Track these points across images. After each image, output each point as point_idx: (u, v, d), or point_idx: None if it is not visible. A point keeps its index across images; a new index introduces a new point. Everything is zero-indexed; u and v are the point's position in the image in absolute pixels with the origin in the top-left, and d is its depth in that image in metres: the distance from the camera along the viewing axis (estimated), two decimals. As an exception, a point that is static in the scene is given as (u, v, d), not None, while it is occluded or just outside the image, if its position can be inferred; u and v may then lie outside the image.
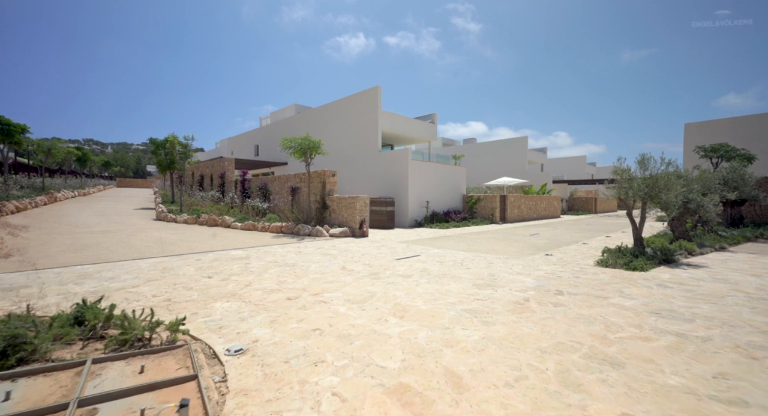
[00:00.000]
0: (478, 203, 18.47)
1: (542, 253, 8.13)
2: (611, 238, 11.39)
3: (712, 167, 14.09)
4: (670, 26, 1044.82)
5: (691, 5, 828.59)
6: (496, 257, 7.53)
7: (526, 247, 9.15)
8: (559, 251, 8.38)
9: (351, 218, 11.65)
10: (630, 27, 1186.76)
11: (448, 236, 11.65)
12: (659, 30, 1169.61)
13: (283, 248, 8.59)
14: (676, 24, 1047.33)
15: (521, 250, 8.60)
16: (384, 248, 8.92)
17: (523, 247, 9.15)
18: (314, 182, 13.16)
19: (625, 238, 11.32)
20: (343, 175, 19.15)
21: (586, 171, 43.89)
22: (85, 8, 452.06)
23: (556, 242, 10.35)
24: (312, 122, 21.40)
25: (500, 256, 7.63)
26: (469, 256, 7.64)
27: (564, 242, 10.16)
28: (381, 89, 17.37)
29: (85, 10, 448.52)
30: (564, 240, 10.73)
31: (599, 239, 10.96)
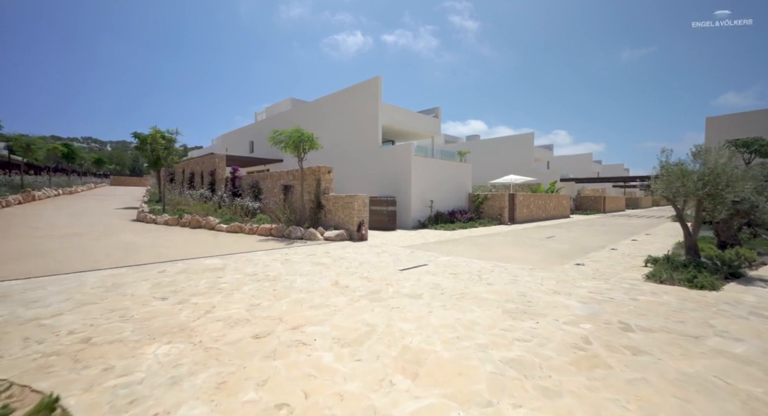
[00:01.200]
0: (485, 203, 17.29)
1: (570, 262, 6.94)
2: (639, 242, 10.21)
3: (744, 162, 12.91)
4: (669, 25, 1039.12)
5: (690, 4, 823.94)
6: (518, 267, 6.35)
7: (549, 253, 7.97)
8: (590, 259, 7.19)
9: (348, 220, 10.46)
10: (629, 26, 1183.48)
11: (457, 240, 10.46)
12: (658, 29, 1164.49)
13: (269, 255, 7.40)
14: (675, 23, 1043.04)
15: (544, 257, 7.42)
16: (385, 254, 7.74)
17: (544, 253, 7.97)
18: (308, 179, 11.97)
19: (655, 242, 10.14)
20: (340, 172, 17.96)
21: (591, 169, 42.68)
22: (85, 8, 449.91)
23: (580, 247, 9.17)
24: (308, 116, 20.18)
25: (522, 265, 6.45)
26: (486, 265, 6.46)
27: (589, 248, 8.97)
28: (381, 80, 16.15)
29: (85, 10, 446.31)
30: (587, 245, 9.54)
31: (626, 244, 9.78)
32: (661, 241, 10.36)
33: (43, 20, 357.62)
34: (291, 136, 10.34)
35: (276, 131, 10.33)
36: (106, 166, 43.27)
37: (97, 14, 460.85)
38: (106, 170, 45.62)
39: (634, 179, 40.52)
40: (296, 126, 10.50)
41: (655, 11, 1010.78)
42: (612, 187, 41.76)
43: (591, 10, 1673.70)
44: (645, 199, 47.53)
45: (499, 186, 24.51)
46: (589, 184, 37.29)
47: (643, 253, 7.83)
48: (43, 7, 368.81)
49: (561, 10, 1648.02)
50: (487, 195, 17.28)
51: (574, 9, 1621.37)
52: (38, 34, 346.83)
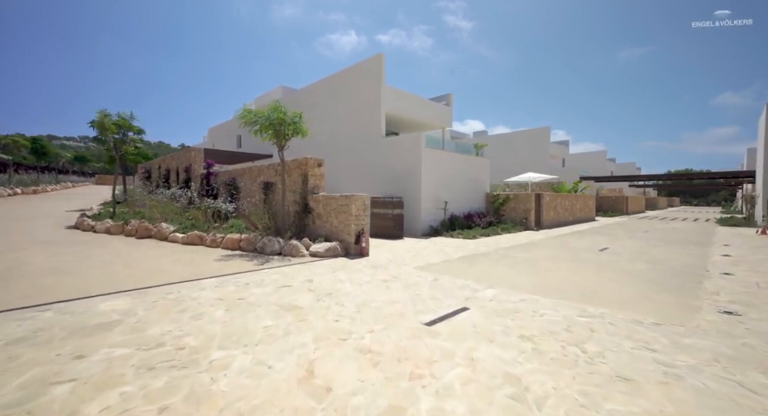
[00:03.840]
0: (506, 204, 14.71)
1: (690, 300, 4.36)
2: (736, 257, 7.62)
3: None
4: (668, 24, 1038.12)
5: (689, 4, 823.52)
6: (628, 318, 3.77)
7: (638, 282, 5.39)
8: (725, 295, 4.61)
9: (343, 228, 7.89)
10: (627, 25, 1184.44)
11: (487, 254, 7.88)
12: (657, 28, 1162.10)
13: (219, 287, 4.83)
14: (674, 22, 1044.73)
15: (643, 293, 4.84)
16: (396, 283, 5.17)
17: (631, 282, 5.38)
18: (292, 175, 9.39)
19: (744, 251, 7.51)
20: (336, 169, 15.39)
21: (606, 168, 40.07)
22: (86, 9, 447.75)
23: (663, 266, 6.58)
24: (301, 104, 17.56)
25: (631, 314, 3.87)
26: (569, 314, 3.88)
27: (680, 268, 6.39)
28: (384, 59, 13.58)
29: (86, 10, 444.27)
30: (670, 263, 6.96)
31: (719, 258, 7.20)
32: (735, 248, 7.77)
33: (44, 20, 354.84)
34: (268, 116, 7.75)
35: (248, 109, 7.75)
36: (92, 164, 40.72)
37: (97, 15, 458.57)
38: (93, 168, 43.10)
39: (651, 178, 37.93)
40: (275, 103, 7.91)
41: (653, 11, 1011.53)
42: (628, 186, 39.19)
43: (588, 10, 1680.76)
44: (662, 199, 44.94)
45: (513, 185, 21.93)
46: (608, 183, 34.72)
47: None
48: (44, 7, 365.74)
49: (558, 9, 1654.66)
50: (509, 195, 14.69)
51: (571, 8, 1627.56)
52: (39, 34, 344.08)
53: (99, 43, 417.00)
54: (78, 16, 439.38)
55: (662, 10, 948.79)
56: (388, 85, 13.81)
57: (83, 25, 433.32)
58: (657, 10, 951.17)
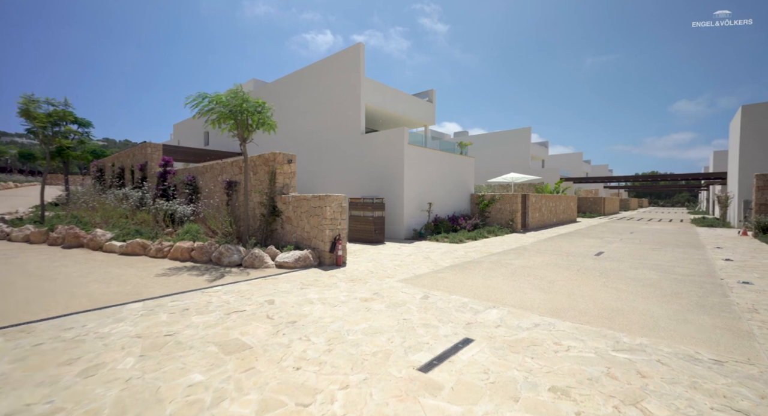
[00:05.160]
0: (492, 205, 14.07)
1: (732, 321, 3.65)
2: (734, 261, 7.17)
3: None
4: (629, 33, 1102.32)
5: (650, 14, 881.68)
6: (670, 348, 2.97)
7: (657, 294, 4.68)
8: (765, 313, 3.94)
9: (316, 233, 6.82)
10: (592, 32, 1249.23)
11: (479, 262, 7.05)
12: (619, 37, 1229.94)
13: (144, 318, 3.66)
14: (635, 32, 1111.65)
15: (672, 309, 4.10)
16: (379, 302, 4.19)
17: (650, 295, 4.67)
18: (258, 172, 8.22)
19: (742, 255, 7.09)
20: (311, 168, 14.24)
21: (582, 169, 40.93)
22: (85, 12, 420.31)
23: (680, 274, 5.97)
24: (274, 97, 16.29)
25: (675, 342, 3.08)
26: (600, 347, 3.04)
27: (698, 276, 5.79)
28: (364, 49, 12.60)
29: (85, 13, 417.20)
30: (681, 269, 6.38)
31: (722, 262, 6.71)
32: (737, 251, 7.38)
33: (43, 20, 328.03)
34: (226, 103, 6.56)
35: (203, 94, 6.53)
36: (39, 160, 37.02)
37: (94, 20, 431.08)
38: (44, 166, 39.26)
39: (623, 180, 39.09)
40: (237, 86, 6.73)
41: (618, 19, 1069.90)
42: (603, 187, 40.17)
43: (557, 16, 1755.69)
44: (633, 201, 46.53)
45: (496, 186, 21.53)
46: (585, 184, 35.31)
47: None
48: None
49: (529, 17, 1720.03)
50: (495, 196, 14.07)
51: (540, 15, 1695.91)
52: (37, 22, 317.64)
53: (96, 46, 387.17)
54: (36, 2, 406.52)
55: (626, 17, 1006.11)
56: (367, 78, 12.84)
57: (42, 12, 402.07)
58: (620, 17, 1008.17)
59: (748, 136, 14.78)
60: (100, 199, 11.39)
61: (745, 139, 14.84)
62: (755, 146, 14.51)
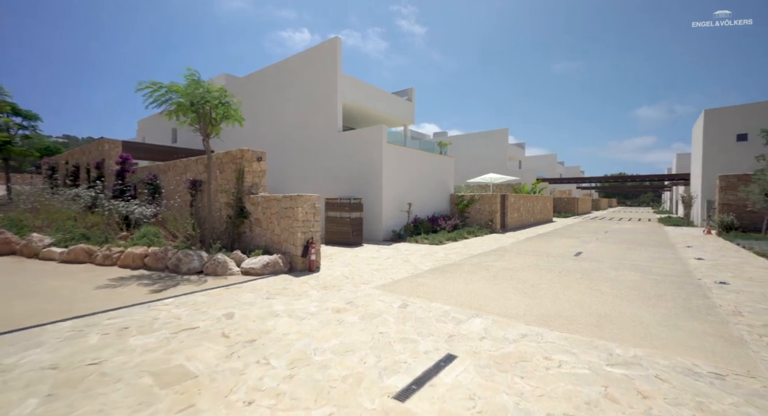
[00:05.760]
0: (471, 205, 13.97)
1: (720, 326, 3.53)
2: (705, 260, 7.29)
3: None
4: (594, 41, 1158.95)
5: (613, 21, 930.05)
6: (667, 361, 2.75)
7: (642, 298, 4.54)
8: (749, 316, 3.84)
9: (288, 236, 6.32)
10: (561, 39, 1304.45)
11: (461, 265, 6.78)
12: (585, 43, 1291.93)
13: (68, 341, 3.08)
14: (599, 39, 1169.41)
15: (660, 315, 3.95)
16: (352, 313, 3.79)
17: (635, 299, 4.53)
18: (225, 171, 7.60)
19: (711, 253, 7.22)
20: (285, 168, 13.62)
21: (556, 170, 42.18)
22: None
23: (659, 275, 5.93)
24: (246, 93, 15.50)
25: (670, 354, 2.87)
26: (593, 358, 2.78)
27: (676, 277, 5.75)
28: (341, 43, 12.15)
29: None
30: (660, 270, 6.37)
31: (695, 262, 6.78)
32: (707, 251, 7.55)
33: None
34: (185, 93, 5.93)
35: (156, 83, 5.86)
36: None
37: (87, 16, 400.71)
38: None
39: (595, 181, 40.63)
40: (194, 73, 6.10)
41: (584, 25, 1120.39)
42: (576, 188, 41.55)
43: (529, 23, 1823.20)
44: (603, 201, 48.48)
45: (475, 186, 21.60)
46: (559, 185, 36.33)
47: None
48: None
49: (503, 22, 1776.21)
50: (474, 196, 13.97)
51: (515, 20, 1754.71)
52: None
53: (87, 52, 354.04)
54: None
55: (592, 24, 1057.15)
56: (345, 75, 12.39)
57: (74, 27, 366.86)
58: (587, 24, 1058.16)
59: (710, 139, 15.50)
60: (46, 199, 10.29)
61: (707, 141, 15.55)
62: (717, 148, 15.23)
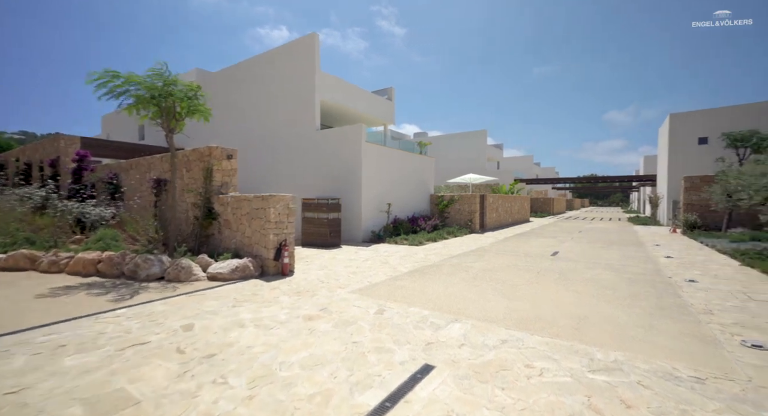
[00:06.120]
0: (451, 206, 13.98)
1: (694, 325, 3.55)
2: (673, 257, 7.53)
3: (737, 158, 11.57)
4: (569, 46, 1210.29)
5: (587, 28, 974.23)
6: (647, 365, 2.69)
7: (618, 298, 4.55)
8: (720, 314, 3.90)
9: (259, 239, 5.98)
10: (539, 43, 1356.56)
11: (440, 266, 6.66)
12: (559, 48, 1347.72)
13: (-3, 359, 2.67)
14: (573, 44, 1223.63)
15: (637, 315, 3.94)
16: (325, 321, 3.54)
17: (611, 298, 4.53)
18: (193, 169, 7.14)
19: (678, 251, 7.48)
20: (260, 166, 13.12)
21: (533, 171, 43.35)
22: None
23: (632, 273, 6.02)
24: (219, 89, 14.85)
25: (650, 357, 2.82)
26: (574, 364, 2.68)
27: (649, 275, 5.86)
28: (319, 39, 11.82)
29: None
30: (633, 268, 6.49)
31: (664, 260, 6.98)
32: (675, 249, 7.85)
33: None
34: (146, 84, 5.47)
35: (111, 71, 5.37)
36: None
37: None
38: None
39: (569, 181, 42.07)
40: (161, 64, 5.65)
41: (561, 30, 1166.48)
42: (552, 188, 42.87)
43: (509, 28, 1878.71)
44: (577, 201, 50.30)
45: (454, 186, 21.75)
46: (535, 185, 37.31)
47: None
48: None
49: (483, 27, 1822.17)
50: (454, 197, 13.99)
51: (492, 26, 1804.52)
52: None
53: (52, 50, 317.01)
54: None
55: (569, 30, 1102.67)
56: (323, 72, 12.07)
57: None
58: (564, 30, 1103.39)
59: (675, 141, 16.27)
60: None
61: (672, 144, 16.31)
62: (682, 150, 16.01)
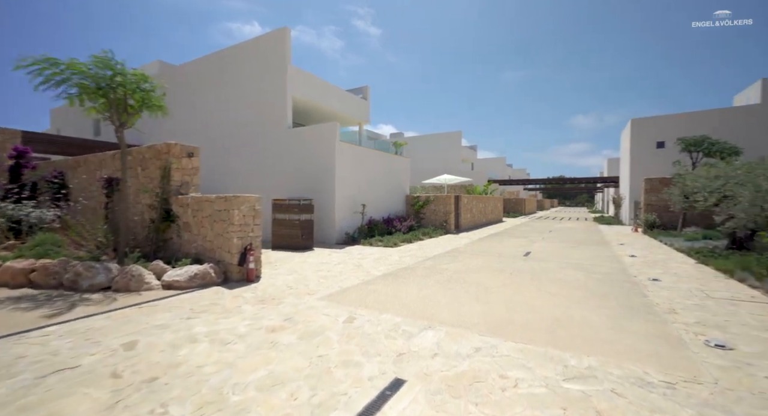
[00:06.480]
0: (426, 206, 13.96)
1: (660, 325, 3.60)
2: (637, 256, 7.83)
3: (691, 161, 12.32)
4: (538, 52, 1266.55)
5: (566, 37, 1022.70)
6: (620, 371, 2.64)
7: (589, 299, 4.58)
8: (683, 313, 3.99)
9: (222, 243, 5.56)
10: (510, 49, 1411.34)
11: (414, 269, 6.52)
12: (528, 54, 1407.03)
13: None
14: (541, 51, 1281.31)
15: (607, 317, 3.96)
16: (290, 332, 3.27)
17: (582, 300, 4.56)
18: (149, 167, 6.58)
19: (641, 250, 7.82)
20: (228, 166, 12.49)
21: (505, 172, 44.60)
22: None
23: (601, 274, 6.15)
24: (184, 83, 14.01)
25: (622, 361, 2.78)
26: (548, 373, 2.58)
27: (616, 275, 6.00)
28: (290, 34, 11.40)
29: None
30: (601, 268, 6.64)
31: (629, 259, 7.24)
32: (634, 248, 8.22)
33: None
34: (88, 72, 4.92)
35: (48, 58, 4.79)
36: None
37: None
38: None
39: (539, 182, 43.69)
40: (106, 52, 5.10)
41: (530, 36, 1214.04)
42: (523, 189, 44.30)
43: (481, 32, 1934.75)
44: (547, 202, 52.32)
45: (429, 187, 21.87)
46: (508, 186, 38.35)
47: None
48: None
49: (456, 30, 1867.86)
50: (429, 197, 13.98)
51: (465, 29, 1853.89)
52: None
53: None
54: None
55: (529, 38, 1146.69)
56: (295, 67, 11.65)
57: None
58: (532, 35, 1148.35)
59: (636, 145, 17.18)
60: None
61: (634, 148, 17.22)
62: (643, 153, 16.92)
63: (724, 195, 6.42)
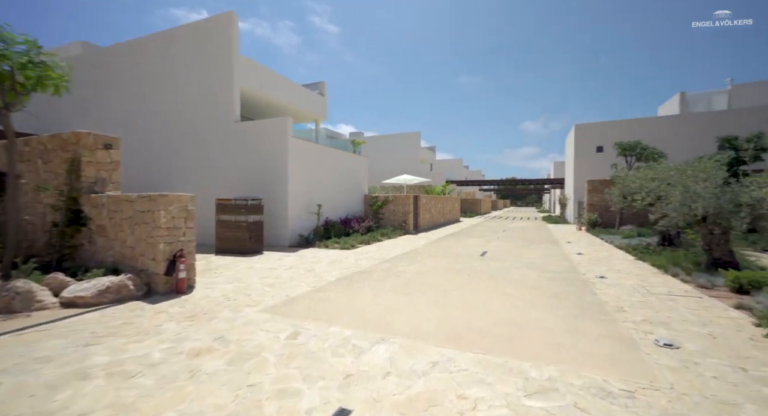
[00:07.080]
0: (385, 206, 13.71)
1: (612, 326, 3.59)
2: (583, 254, 8.21)
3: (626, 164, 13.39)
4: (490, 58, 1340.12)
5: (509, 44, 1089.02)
6: (581, 381, 2.49)
7: (544, 299, 4.54)
8: (631, 311, 4.04)
9: (145, 249, 4.76)
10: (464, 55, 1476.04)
11: (371, 272, 6.16)
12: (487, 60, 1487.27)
13: None
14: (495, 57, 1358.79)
15: (563, 319, 3.90)
16: (217, 356, 2.73)
17: (538, 300, 4.51)
18: (52, 161, 5.50)
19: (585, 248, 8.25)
20: (163, 162, 11.20)
21: (462, 173, 46.08)
22: None
23: (552, 273, 6.25)
24: (112, 68, 12.35)
25: (581, 368, 2.64)
26: (509, 389, 2.35)
27: (566, 273, 6.13)
28: (237, 19, 10.49)
29: None
30: (552, 267, 6.79)
31: (576, 257, 7.53)
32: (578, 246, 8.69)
33: None
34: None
35: None
36: None
37: None
38: None
39: (493, 183, 45.76)
40: None
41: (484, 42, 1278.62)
42: (479, 190, 46.09)
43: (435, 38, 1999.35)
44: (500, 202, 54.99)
45: (389, 187, 21.74)
46: (465, 187, 39.58)
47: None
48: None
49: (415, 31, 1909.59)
50: (388, 197, 13.74)
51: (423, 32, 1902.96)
52: None
53: None
54: None
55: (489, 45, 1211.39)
56: (244, 57, 10.76)
57: None
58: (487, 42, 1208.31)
59: (579, 149, 18.44)
60: None
61: (578, 151, 18.47)
62: (585, 156, 18.20)
63: (659, 196, 6.88)
